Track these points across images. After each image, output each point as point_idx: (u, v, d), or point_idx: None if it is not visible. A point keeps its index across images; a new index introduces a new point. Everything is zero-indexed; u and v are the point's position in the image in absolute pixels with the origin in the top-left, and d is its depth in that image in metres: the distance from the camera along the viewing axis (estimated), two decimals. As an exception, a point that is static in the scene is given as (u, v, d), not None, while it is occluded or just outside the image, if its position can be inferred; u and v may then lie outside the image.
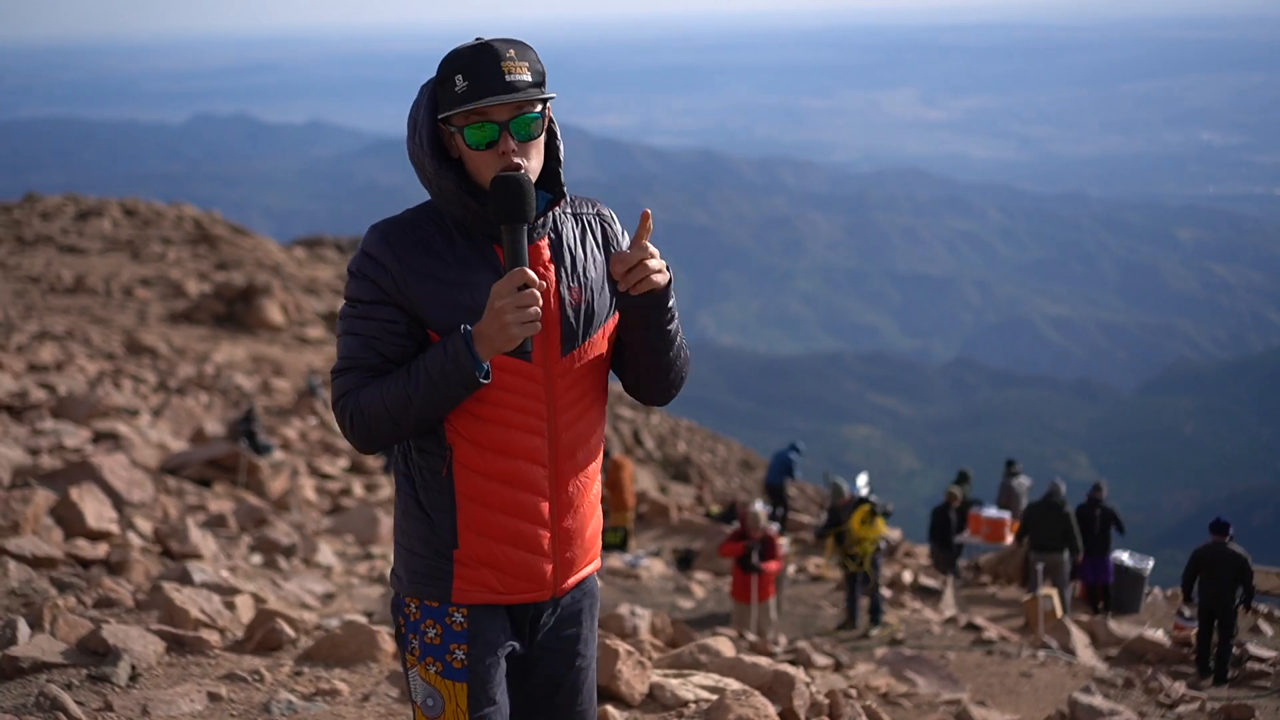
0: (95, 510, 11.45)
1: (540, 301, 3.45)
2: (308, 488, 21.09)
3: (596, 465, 3.88)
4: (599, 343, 3.79)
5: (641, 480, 33.64)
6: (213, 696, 6.50)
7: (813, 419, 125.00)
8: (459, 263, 3.64)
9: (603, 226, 3.95)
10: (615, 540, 22.91)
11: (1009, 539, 21.47)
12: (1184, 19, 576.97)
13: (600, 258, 3.85)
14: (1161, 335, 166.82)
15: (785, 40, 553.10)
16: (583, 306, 3.73)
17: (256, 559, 13.58)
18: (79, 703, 6.18)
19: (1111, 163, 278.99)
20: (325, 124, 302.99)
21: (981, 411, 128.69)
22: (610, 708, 6.44)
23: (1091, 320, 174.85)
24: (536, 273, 3.63)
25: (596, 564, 3.98)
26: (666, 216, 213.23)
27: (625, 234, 3.97)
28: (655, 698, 6.78)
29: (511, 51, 3.55)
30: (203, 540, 12.24)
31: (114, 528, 11.54)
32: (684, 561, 22.14)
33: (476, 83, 3.51)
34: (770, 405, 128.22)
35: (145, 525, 12.49)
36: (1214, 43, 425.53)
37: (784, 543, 19.36)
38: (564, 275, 3.73)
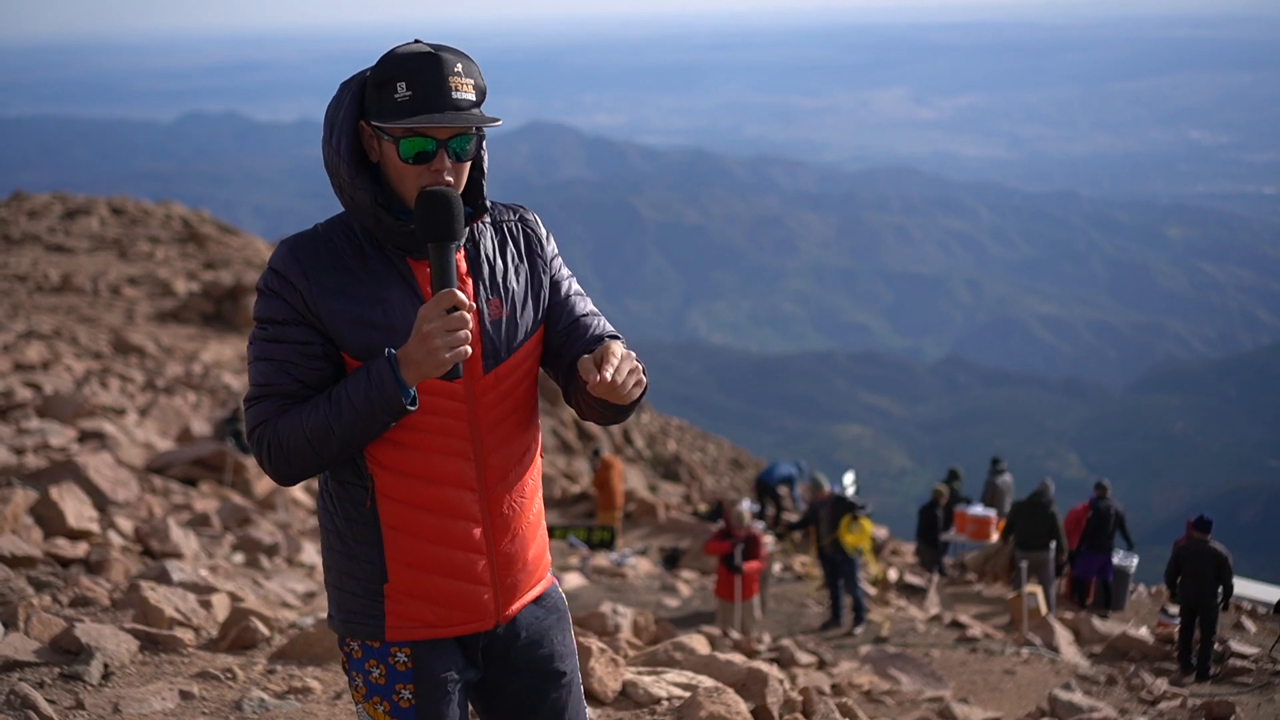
0: (75, 509, 11.43)
1: (470, 324, 3.27)
2: (294, 486, 20.99)
3: (534, 484, 3.70)
4: (524, 357, 3.61)
5: (631, 479, 33.63)
6: (184, 695, 6.47)
7: (804, 418, 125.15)
8: (370, 278, 3.45)
9: (525, 234, 3.71)
10: (604, 539, 22.91)
11: (994, 537, 21.51)
12: (1173, 18, 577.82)
13: (524, 267, 3.65)
14: (1151, 334, 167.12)
15: (776, 39, 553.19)
16: (504, 321, 3.55)
17: (239, 558, 13.56)
18: (50, 701, 6.16)
19: (1101, 162, 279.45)
20: (315, 123, 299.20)
21: (972, 410, 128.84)
22: (583, 705, 6.43)
23: (1081, 319, 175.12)
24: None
25: (546, 582, 3.81)
26: (658, 216, 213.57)
27: (550, 239, 3.76)
28: (628, 695, 6.76)
29: (459, 66, 3.36)
30: (184, 539, 12.21)
31: (94, 527, 11.51)
32: (670, 560, 22.15)
33: (421, 95, 3.31)
34: (761, 404, 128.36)
35: (126, 524, 12.45)
36: (1203, 42, 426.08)
37: (768, 541, 19.35)
38: (483, 289, 3.54)
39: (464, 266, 3.54)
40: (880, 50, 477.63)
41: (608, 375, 3.28)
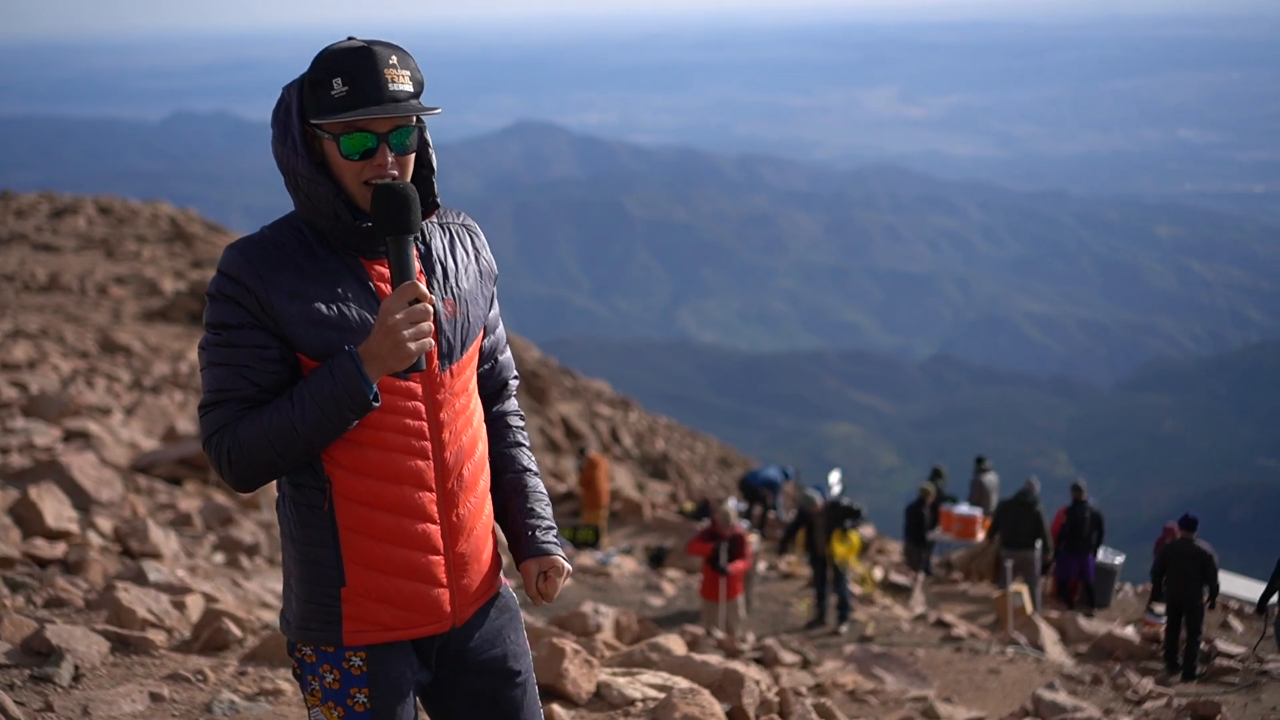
0: (54, 510, 11.38)
1: (432, 315, 3.29)
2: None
3: (486, 484, 3.71)
4: (473, 355, 3.65)
5: (619, 478, 33.59)
6: (154, 697, 6.43)
7: (793, 416, 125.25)
8: (325, 278, 3.42)
9: (471, 236, 3.73)
10: (588, 538, 22.88)
11: (980, 536, 21.50)
12: (1163, 17, 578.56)
13: (473, 267, 3.67)
14: (1140, 332, 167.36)
15: (766, 38, 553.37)
16: (458, 319, 3.57)
17: (219, 558, 13.51)
18: (19, 703, 6.11)
19: (1091, 160, 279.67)
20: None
21: (962, 409, 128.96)
22: (556, 707, 6.40)
23: (1071, 317, 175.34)
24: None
25: (499, 582, 3.80)
26: (647, 214, 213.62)
27: (487, 248, 3.78)
28: (602, 696, 6.74)
29: (393, 58, 3.37)
30: (164, 539, 12.16)
31: (73, 527, 11.47)
32: (656, 559, 22.13)
33: (357, 90, 3.31)
34: (751, 403, 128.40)
35: (106, 525, 12.41)
36: (1193, 41, 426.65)
37: (753, 540, 19.32)
38: (437, 287, 3.54)
39: (418, 265, 3.53)
40: (870, 49, 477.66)
41: (550, 597, 3.71)
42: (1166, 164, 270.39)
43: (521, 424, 3.96)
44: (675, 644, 8.08)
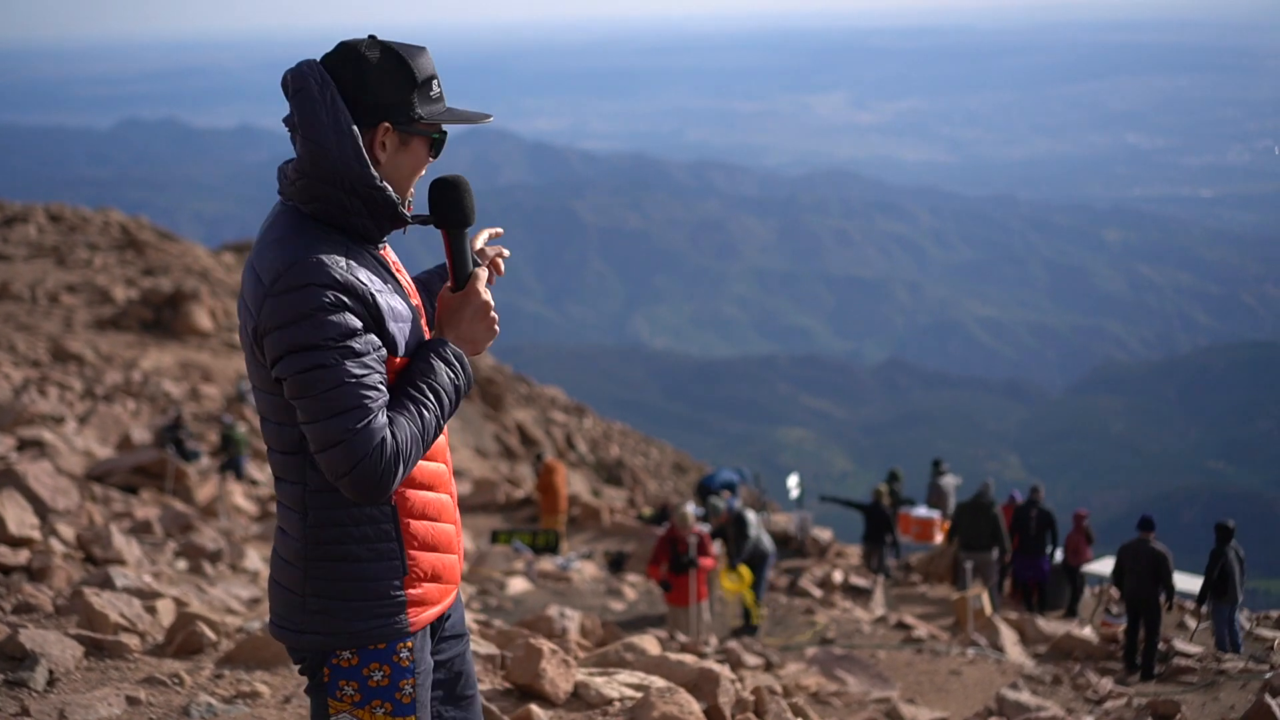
0: (17, 517, 11.31)
1: None
2: (236, 493, 20.93)
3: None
4: None
5: (574, 483, 33.59)
6: (131, 700, 6.42)
7: (746, 421, 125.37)
8: (376, 272, 3.41)
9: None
10: (547, 543, 22.85)
11: (939, 538, 21.59)
12: (1111, 23, 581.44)
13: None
14: (1090, 336, 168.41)
15: (717, 44, 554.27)
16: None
17: (181, 565, 13.45)
18: (-5, 708, 6.09)
19: (1040, 165, 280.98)
20: (255, 128, 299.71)
21: (913, 413, 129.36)
22: (535, 707, 6.41)
23: (1021, 321, 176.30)
24: (399, 282, 3.52)
25: None
26: (599, 220, 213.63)
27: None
28: (580, 696, 6.76)
29: None
30: (126, 546, 12.10)
31: (36, 534, 11.40)
32: (616, 564, 22.12)
33: (442, 94, 3.46)
34: (703, 408, 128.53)
35: (68, 532, 12.34)
36: (1141, 46, 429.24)
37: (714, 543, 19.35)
38: (420, 289, 3.64)
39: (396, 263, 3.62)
40: (820, 55, 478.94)
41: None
42: (1115, 168, 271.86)
43: None
44: (650, 644, 8.11)
